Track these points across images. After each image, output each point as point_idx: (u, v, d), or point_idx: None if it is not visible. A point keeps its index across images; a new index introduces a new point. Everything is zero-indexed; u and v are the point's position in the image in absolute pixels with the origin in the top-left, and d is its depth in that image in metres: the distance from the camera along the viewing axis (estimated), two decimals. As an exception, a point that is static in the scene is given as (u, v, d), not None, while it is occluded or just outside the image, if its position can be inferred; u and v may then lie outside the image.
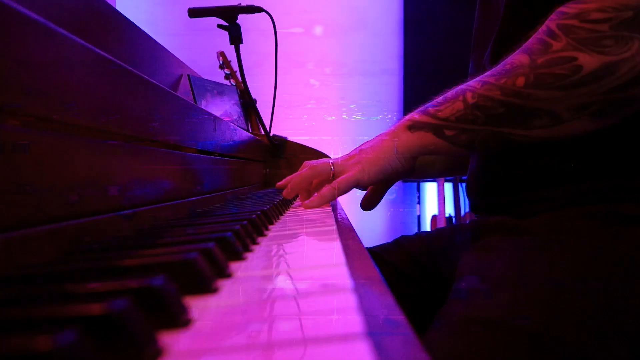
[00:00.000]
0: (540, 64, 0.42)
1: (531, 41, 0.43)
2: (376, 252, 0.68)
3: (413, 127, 0.51)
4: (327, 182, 0.55)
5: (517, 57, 0.43)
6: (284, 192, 0.58)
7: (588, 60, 0.40)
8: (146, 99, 0.39)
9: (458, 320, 0.38)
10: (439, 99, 0.49)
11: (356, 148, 0.56)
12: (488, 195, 0.53)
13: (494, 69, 0.45)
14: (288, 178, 0.60)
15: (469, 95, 0.46)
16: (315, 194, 0.54)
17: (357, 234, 0.37)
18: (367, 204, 0.61)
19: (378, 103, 2.40)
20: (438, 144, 0.49)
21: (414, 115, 0.51)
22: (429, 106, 0.50)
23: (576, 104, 0.41)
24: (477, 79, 0.46)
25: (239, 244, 0.28)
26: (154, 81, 0.40)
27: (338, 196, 0.54)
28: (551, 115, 0.42)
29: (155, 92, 0.41)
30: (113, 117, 0.33)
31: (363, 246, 0.31)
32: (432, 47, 2.23)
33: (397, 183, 0.60)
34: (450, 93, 0.48)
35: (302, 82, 2.33)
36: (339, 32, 2.30)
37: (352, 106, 2.36)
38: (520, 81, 0.42)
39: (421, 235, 0.70)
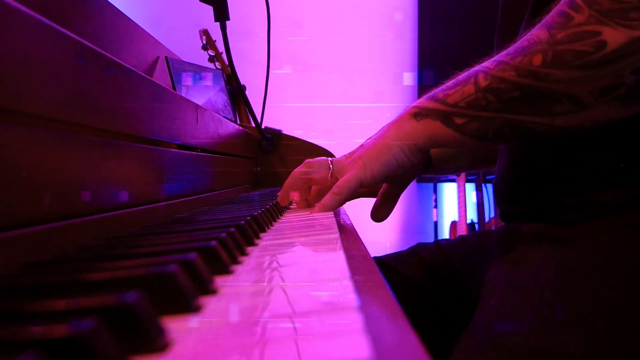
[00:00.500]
0: (559, 39, 0.41)
1: (552, 14, 0.43)
2: (387, 262, 0.68)
3: (419, 114, 0.50)
4: (326, 186, 0.56)
5: (536, 33, 0.43)
6: (279, 197, 0.58)
7: (613, 35, 0.39)
8: (114, 84, 0.39)
9: (488, 345, 0.38)
10: (450, 82, 0.49)
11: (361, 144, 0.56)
12: (521, 199, 0.53)
13: (511, 47, 0.45)
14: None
15: (481, 77, 0.46)
16: (316, 204, 0.55)
17: (363, 243, 0.37)
18: (378, 213, 0.60)
19: (390, 95, 2.40)
20: (447, 134, 0.49)
21: (421, 101, 0.51)
22: (439, 91, 0.50)
23: (600, 86, 0.40)
24: (493, 58, 0.46)
25: (225, 255, 0.29)
26: (124, 63, 0.40)
27: (343, 203, 0.54)
28: (572, 99, 0.41)
29: (125, 76, 0.41)
30: (74, 106, 0.33)
31: (370, 257, 0.31)
32: (448, 33, 2.27)
33: (411, 184, 0.60)
34: (462, 75, 0.49)
35: (299, 67, 2.33)
36: (343, 25, 2.32)
37: (358, 104, 2.36)
38: (537, 59, 0.42)
39: (441, 243, 0.70)
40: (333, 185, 0.54)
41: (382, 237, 2.45)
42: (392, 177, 0.54)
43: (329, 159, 0.56)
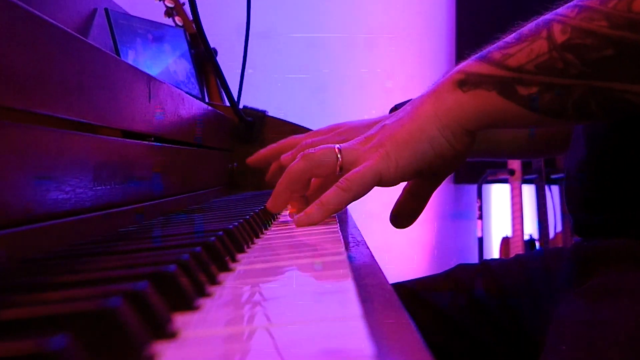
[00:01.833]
0: None
1: None
2: (413, 291, 0.68)
3: (467, 82, 0.51)
4: (332, 180, 0.55)
5: None
6: (268, 203, 0.58)
7: None
8: (25, 45, 0.39)
9: None
10: (510, 36, 0.49)
11: (378, 123, 0.56)
12: (607, 205, 0.53)
13: None
14: (269, 149, 0.59)
15: (557, 29, 0.46)
16: (313, 203, 0.55)
17: (379, 265, 0.37)
18: (401, 217, 0.60)
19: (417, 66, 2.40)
20: (507, 110, 0.49)
21: (469, 63, 0.51)
22: (494, 49, 0.50)
23: None
24: (572, 3, 0.46)
25: (188, 285, 0.29)
26: (41, 14, 0.40)
27: (350, 202, 0.54)
28: None
29: (42, 33, 0.41)
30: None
31: (389, 285, 0.32)
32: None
33: (445, 183, 0.60)
34: (527, 27, 0.49)
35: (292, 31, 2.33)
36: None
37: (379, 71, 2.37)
38: (638, 4, 0.42)
39: (489, 265, 0.70)
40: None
41: (406, 257, 2.45)
42: (426, 170, 0.54)
43: (336, 146, 0.55)
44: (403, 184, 0.60)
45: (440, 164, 0.53)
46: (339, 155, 0.54)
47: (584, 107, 0.45)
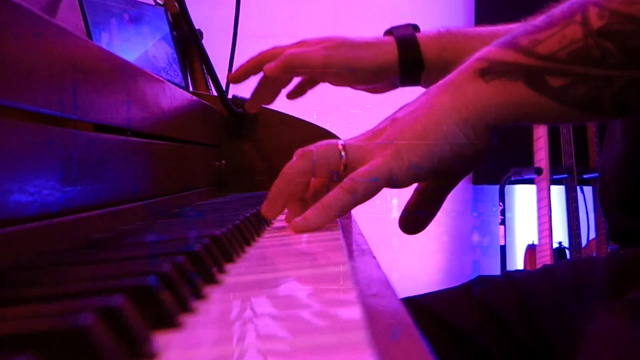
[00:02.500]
0: None
1: None
2: (426, 306, 0.68)
3: (489, 71, 0.51)
4: (335, 180, 0.55)
5: None
6: (262, 207, 0.58)
7: None
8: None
9: None
10: (539, 19, 0.49)
11: (387, 117, 0.56)
12: None
13: None
14: (249, 61, 0.60)
15: (593, 13, 0.46)
16: (313, 206, 0.55)
17: (387, 277, 0.37)
18: (412, 221, 0.61)
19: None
20: (535, 103, 0.49)
21: (492, 50, 0.51)
22: (521, 33, 0.50)
23: None
24: None
25: (169, 299, 0.29)
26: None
27: (355, 205, 0.54)
28: None
29: (5, 12, 0.41)
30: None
31: (398, 298, 0.31)
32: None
33: (462, 184, 0.60)
34: (559, 9, 0.49)
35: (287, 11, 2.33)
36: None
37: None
38: None
39: (512, 277, 0.70)
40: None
41: (418, 267, 2.45)
42: (442, 170, 0.54)
43: (339, 142, 0.55)
44: (414, 185, 0.60)
45: (458, 162, 0.53)
46: (342, 153, 0.54)
47: (622, 101, 0.46)
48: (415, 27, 0.77)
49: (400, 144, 0.52)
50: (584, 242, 2.25)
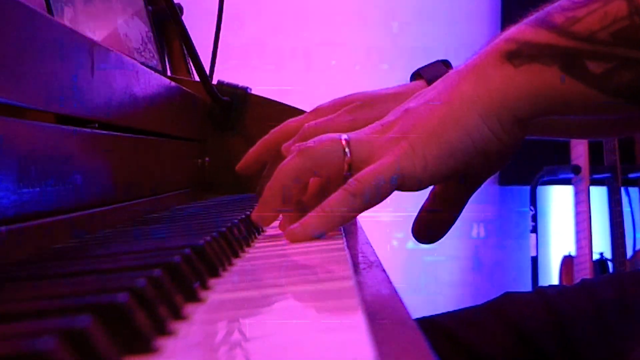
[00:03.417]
0: None
1: None
2: (445, 327, 0.69)
3: (519, 54, 0.51)
4: (337, 180, 0.55)
5: None
6: (253, 213, 0.58)
7: None
8: None
9: None
10: None
11: (399, 107, 0.56)
12: None
13: None
14: (260, 145, 0.59)
15: None
16: (312, 211, 0.55)
17: (399, 294, 0.37)
18: (428, 229, 0.61)
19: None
20: (572, 92, 0.49)
21: (521, 30, 0.52)
22: (555, 9, 0.50)
23: None
24: None
25: (144, 320, 0.28)
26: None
27: (361, 210, 0.54)
28: None
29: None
30: None
31: (413, 320, 0.31)
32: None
33: (485, 185, 0.60)
34: None
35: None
36: None
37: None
38: None
39: (546, 293, 0.70)
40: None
41: (435, 283, 2.45)
42: (462, 170, 0.54)
43: (343, 136, 0.55)
44: (430, 187, 0.60)
45: (482, 161, 0.53)
46: (346, 149, 0.54)
47: None
48: (447, 64, 0.75)
49: (414, 139, 0.52)
50: (629, 253, 2.25)
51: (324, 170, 0.55)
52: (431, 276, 2.48)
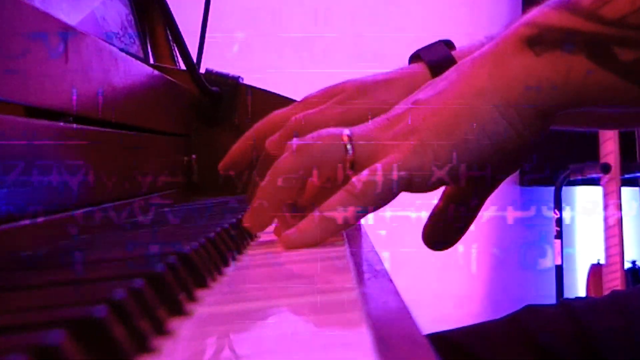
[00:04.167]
0: None
1: None
2: (459, 344, 0.69)
3: (540, 40, 0.51)
4: (337, 180, 0.56)
5: None
6: (245, 217, 0.58)
7: None
8: None
9: None
10: None
11: (407, 99, 0.56)
12: None
13: None
14: (243, 140, 0.59)
15: None
16: (310, 215, 0.55)
17: (407, 307, 0.37)
18: (440, 234, 0.61)
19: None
20: (600, 82, 0.49)
21: (544, 13, 0.52)
22: None
23: None
24: None
25: (123, 336, 0.29)
26: None
27: (364, 215, 0.55)
28: None
29: None
30: None
31: (423, 336, 0.32)
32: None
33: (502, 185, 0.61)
34: None
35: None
36: None
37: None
38: None
39: (572, 306, 0.70)
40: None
41: (448, 295, 2.45)
42: (479, 168, 0.54)
43: (345, 131, 0.55)
44: (442, 188, 0.60)
45: (499, 158, 0.54)
46: (348, 146, 0.54)
47: None
48: (449, 44, 0.73)
49: (424, 135, 0.53)
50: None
51: (323, 169, 0.55)
52: (444, 287, 2.48)
